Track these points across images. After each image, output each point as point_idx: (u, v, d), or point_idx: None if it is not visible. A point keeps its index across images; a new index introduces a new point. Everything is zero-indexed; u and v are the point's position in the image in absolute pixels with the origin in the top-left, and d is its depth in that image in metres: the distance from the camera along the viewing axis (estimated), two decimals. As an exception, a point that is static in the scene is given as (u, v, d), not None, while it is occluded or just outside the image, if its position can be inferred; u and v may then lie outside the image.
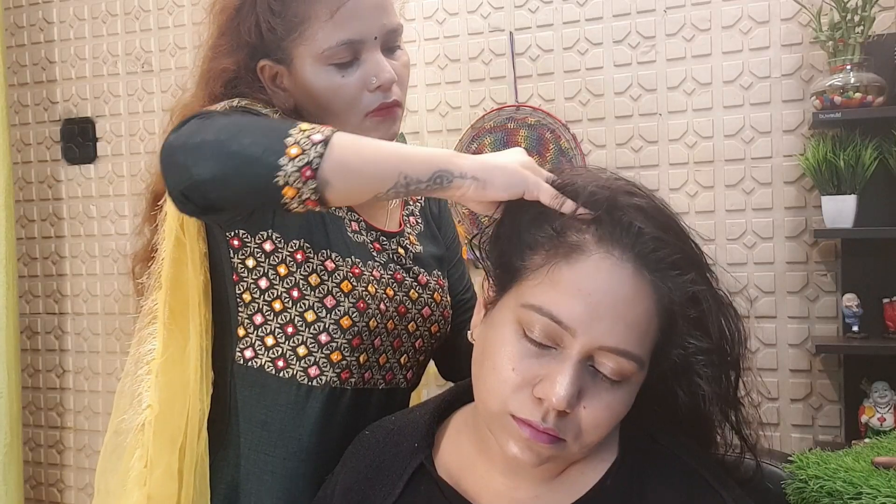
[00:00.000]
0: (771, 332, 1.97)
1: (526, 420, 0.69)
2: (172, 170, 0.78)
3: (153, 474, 0.93)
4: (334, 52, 0.92)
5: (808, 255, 1.94)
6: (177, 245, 0.93)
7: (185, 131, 0.79)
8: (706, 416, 0.77)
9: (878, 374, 1.79)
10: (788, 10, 1.92)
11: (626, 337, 0.68)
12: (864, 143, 1.78)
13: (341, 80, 0.93)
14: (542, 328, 0.69)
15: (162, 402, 0.94)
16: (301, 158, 0.73)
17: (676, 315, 0.71)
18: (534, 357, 0.69)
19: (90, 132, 2.57)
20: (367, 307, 0.94)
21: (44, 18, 2.63)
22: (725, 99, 1.98)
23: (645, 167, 2.04)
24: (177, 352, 0.94)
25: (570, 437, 0.69)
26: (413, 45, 2.24)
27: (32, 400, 2.67)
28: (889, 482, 0.80)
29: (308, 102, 0.96)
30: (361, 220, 1.00)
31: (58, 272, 2.64)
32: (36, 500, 2.66)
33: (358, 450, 0.87)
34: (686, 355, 0.73)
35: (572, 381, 0.67)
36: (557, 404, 0.66)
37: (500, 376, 0.70)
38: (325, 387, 0.93)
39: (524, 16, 2.15)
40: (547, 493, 0.75)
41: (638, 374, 0.71)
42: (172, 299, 0.94)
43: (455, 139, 2.18)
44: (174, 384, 0.94)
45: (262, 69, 0.96)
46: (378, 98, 0.95)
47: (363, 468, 0.84)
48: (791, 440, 1.95)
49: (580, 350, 0.67)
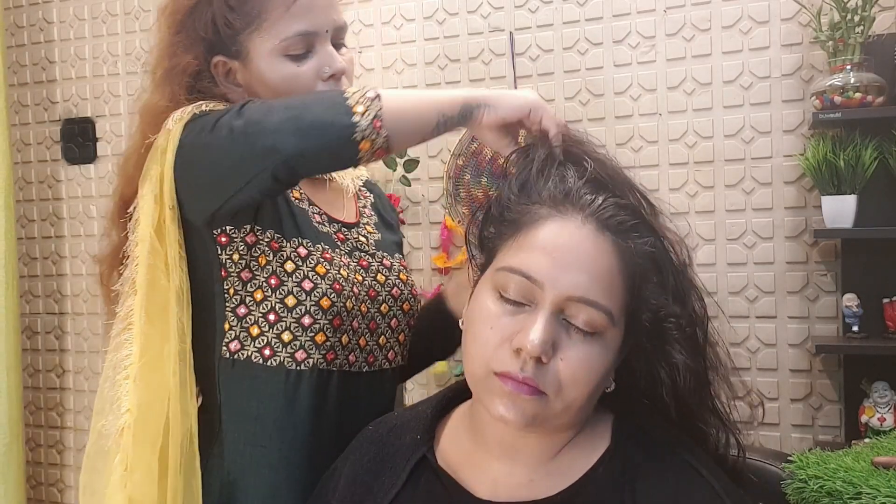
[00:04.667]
0: (771, 332, 1.97)
1: (506, 372, 0.73)
2: (259, 156, 0.85)
3: (133, 478, 0.94)
4: (291, 43, 0.98)
5: (808, 255, 1.94)
6: (152, 251, 0.95)
7: (248, 121, 0.86)
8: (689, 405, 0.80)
9: (878, 374, 1.79)
10: (788, 10, 1.92)
11: (591, 287, 0.73)
12: (864, 143, 1.78)
13: (297, 70, 0.99)
14: (515, 286, 0.75)
15: (140, 406, 0.95)
16: (368, 114, 0.83)
17: (639, 274, 0.77)
18: (510, 315, 0.75)
19: (90, 132, 2.57)
20: (343, 288, 0.98)
21: (44, 18, 2.63)
22: (725, 99, 1.98)
23: (645, 167, 2.04)
24: (154, 356, 0.95)
25: (550, 390, 0.73)
26: (413, 45, 2.24)
27: (32, 400, 2.67)
28: (889, 482, 0.80)
29: (264, 95, 1.00)
30: (323, 212, 1.05)
31: (58, 272, 2.64)
32: (36, 500, 2.66)
33: (362, 444, 0.90)
34: (656, 319, 0.78)
35: (545, 328, 0.72)
36: (532, 350, 0.71)
37: (481, 338, 0.76)
38: (313, 370, 0.96)
39: (524, 16, 2.15)
40: (541, 478, 0.78)
41: (612, 330, 0.75)
42: (148, 303, 0.95)
43: (455, 139, 2.18)
44: (152, 388, 0.95)
45: (216, 66, 1.01)
46: (331, 86, 1.01)
47: (367, 461, 0.87)
48: (791, 440, 1.95)
49: (551, 301, 0.73)
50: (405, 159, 2.18)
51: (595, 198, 0.77)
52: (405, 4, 2.25)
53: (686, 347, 0.78)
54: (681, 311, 0.78)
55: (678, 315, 0.78)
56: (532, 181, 0.81)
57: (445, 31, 2.22)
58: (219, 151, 0.88)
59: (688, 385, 0.79)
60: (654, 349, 0.79)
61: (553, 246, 0.75)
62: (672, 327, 0.78)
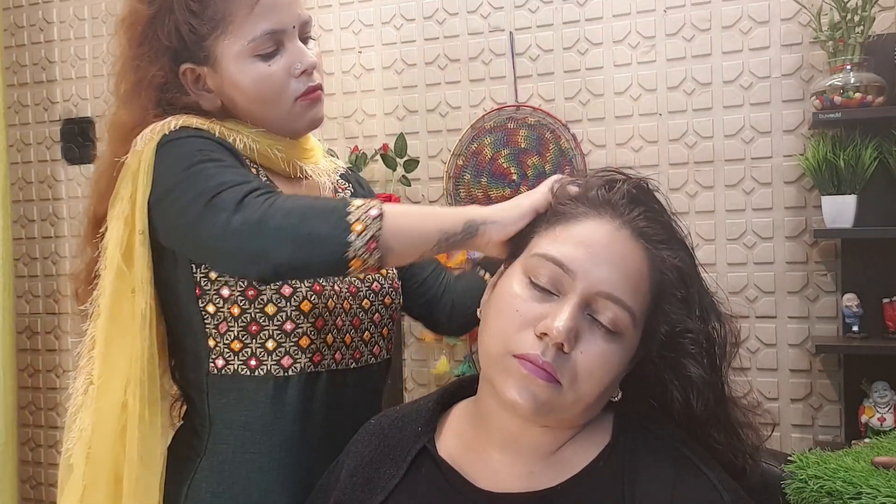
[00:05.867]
0: (771, 332, 1.97)
1: (526, 355, 0.74)
2: (249, 257, 0.85)
3: (88, 499, 0.96)
4: (259, 43, 0.97)
5: (808, 255, 1.94)
6: (118, 275, 0.95)
7: (245, 220, 0.84)
8: (699, 418, 0.80)
9: (878, 374, 1.79)
10: (788, 10, 1.93)
11: (621, 286, 0.75)
12: (864, 143, 1.78)
13: (268, 69, 0.98)
14: (547, 273, 0.76)
15: (94, 427, 0.97)
16: (365, 234, 0.82)
17: (665, 285, 0.78)
18: (538, 301, 0.76)
19: (90, 132, 2.57)
20: (323, 289, 0.97)
21: (44, 18, 2.63)
22: (725, 99, 1.98)
23: (645, 167, 2.04)
24: (110, 378, 0.96)
25: (565, 380, 0.73)
26: (413, 45, 2.24)
27: (32, 400, 2.67)
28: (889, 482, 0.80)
29: (237, 97, 0.99)
30: None
31: (57, 272, 2.64)
32: (36, 501, 2.66)
33: (363, 437, 0.91)
34: (673, 333, 0.79)
35: (572, 317, 0.73)
36: (557, 336, 0.72)
37: (505, 317, 0.77)
38: (300, 374, 0.96)
39: (524, 16, 2.15)
40: (542, 469, 0.79)
41: (632, 332, 0.76)
42: (110, 325, 0.96)
43: (455, 139, 2.18)
44: (105, 410, 0.96)
45: (185, 73, 0.99)
46: (304, 82, 1.00)
47: (368, 453, 0.88)
48: (791, 440, 1.95)
49: (581, 293, 0.74)
50: (405, 159, 2.18)
51: (634, 208, 0.80)
52: (405, 4, 2.25)
53: (702, 363, 0.79)
54: (699, 327, 0.79)
55: (697, 331, 0.79)
56: (581, 182, 0.83)
57: (445, 31, 2.22)
58: (208, 233, 0.86)
59: (702, 401, 0.79)
60: (668, 362, 0.80)
61: (590, 241, 0.77)
62: (689, 342, 0.79)
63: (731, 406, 0.82)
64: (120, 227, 0.95)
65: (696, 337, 0.79)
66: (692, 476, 0.75)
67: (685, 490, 0.74)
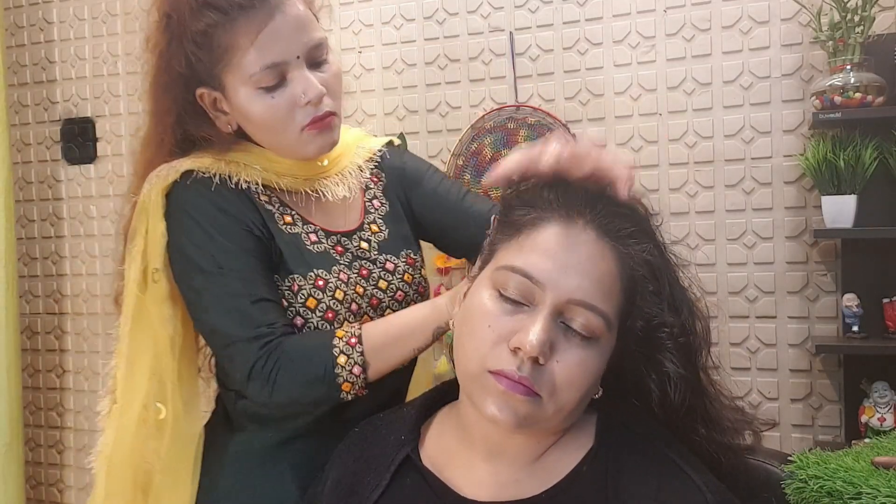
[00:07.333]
0: (771, 332, 1.97)
1: (502, 371, 0.73)
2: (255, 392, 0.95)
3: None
4: (260, 77, 0.96)
5: (808, 255, 1.94)
6: (137, 305, 1.01)
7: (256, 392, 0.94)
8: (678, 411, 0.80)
9: (878, 374, 1.79)
10: (788, 10, 1.92)
11: (591, 291, 0.74)
12: (864, 143, 1.78)
13: (272, 102, 0.97)
14: (515, 285, 0.75)
15: (114, 444, 1.03)
16: (350, 362, 0.92)
17: (637, 282, 0.78)
18: (509, 314, 0.75)
19: (90, 132, 2.57)
20: (337, 315, 0.99)
21: (44, 18, 2.63)
22: (725, 99, 1.98)
23: (645, 167, 2.04)
24: (129, 401, 1.02)
25: (545, 392, 0.73)
26: (413, 45, 2.24)
27: (32, 400, 2.67)
28: (889, 482, 0.80)
29: (246, 126, 1.01)
30: (318, 228, 1.04)
31: (58, 272, 2.64)
32: (36, 500, 2.66)
33: (347, 446, 0.91)
34: (649, 328, 0.78)
35: (544, 329, 0.72)
36: (531, 350, 0.71)
37: (478, 335, 0.75)
38: None
39: (524, 16, 2.15)
40: (526, 477, 0.78)
41: (607, 335, 0.76)
42: (131, 353, 1.02)
43: (455, 139, 2.18)
44: (122, 428, 1.02)
45: (202, 96, 1.01)
46: (310, 112, 0.98)
47: (351, 462, 0.87)
48: (791, 440, 1.95)
49: (551, 303, 0.73)
50: (405, 159, 2.18)
51: (595, 204, 0.78)
52: (405, 4, 2.25)
53: (678, 357, 0.79)
54: (674, 320, 0.78)
55: (671, 324, 0.78)
56: (536, 188, 0.81)
57: (445, 31, 2.22)
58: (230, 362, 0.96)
59: (679, 395, 0.79)
60: (645, 357, 0.79)
61: (555, 248, 0.75)
62: (665, 337, 0.78)
63: (710, 398, 0.81)
64: (137, 260, 1.00)
65: (671, 330, 0.78)
66: (676, 480, 0.74)
67: (669, 494, 0.73)
